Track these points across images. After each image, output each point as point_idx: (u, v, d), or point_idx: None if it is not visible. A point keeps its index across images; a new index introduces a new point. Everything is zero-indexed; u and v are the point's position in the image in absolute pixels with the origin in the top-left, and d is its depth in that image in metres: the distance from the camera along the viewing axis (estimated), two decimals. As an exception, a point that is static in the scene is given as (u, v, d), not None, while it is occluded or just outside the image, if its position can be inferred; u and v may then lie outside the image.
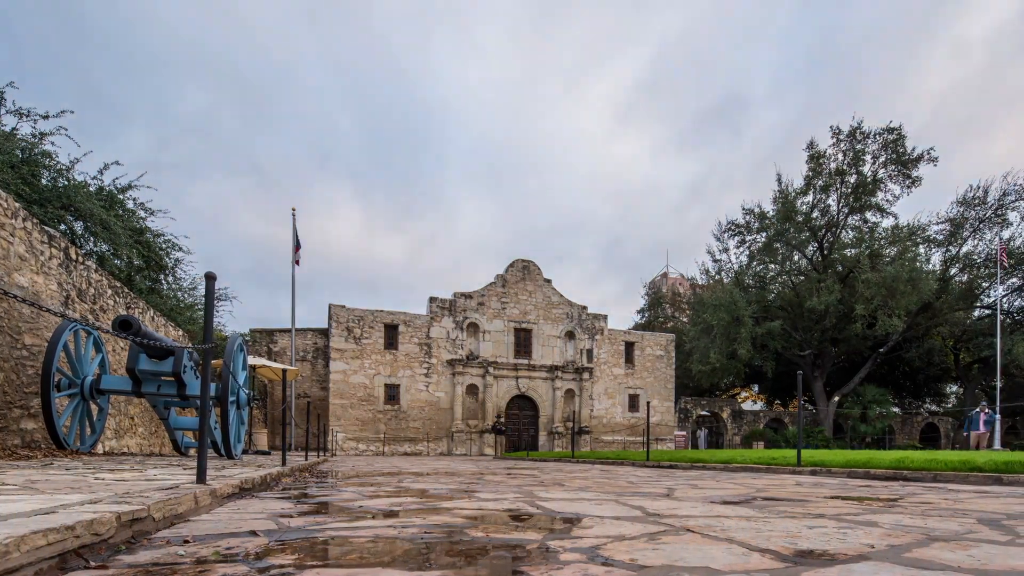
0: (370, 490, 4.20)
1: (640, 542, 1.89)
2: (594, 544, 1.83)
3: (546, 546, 1.80)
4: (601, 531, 2.14)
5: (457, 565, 1.50)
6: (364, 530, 2.10)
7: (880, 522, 2.49)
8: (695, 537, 2.02)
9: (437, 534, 2.04)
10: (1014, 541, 1.99)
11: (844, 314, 26.62)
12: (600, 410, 30.16)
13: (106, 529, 1.52)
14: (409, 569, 1.43)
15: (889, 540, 1.98)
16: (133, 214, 13.13)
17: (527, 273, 29.40)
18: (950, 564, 1.55)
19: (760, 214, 29.32)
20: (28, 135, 11.05)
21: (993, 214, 26.49)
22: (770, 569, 1.48)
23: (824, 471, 6.79)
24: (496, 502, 3.30)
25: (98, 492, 2.23)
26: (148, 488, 2.55)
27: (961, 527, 2.34)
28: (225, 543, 1.75)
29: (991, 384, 27.83)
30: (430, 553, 1.66)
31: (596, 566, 1.48)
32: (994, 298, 26.89)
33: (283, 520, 2.34)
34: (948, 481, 5.62)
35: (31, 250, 6.56)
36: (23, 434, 6.54)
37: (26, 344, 6.65)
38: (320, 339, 27.57)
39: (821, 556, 1.67)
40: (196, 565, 1.42)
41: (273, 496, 3.53)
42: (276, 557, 1.55)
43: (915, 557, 1.66)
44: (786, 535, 2.08)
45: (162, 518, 2.01)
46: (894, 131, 26.41)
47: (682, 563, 1.54)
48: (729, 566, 1.51)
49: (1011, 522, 2.53)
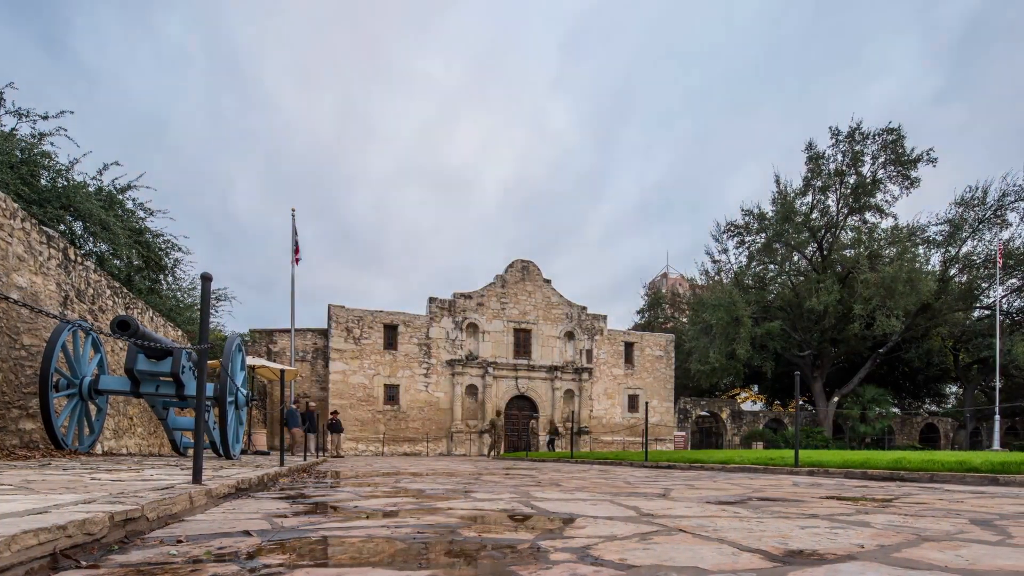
0: (367, 490, 4.21)
1: (631, 542, 1.90)
2: (585, 544, 1.84)
3: (537, 546, 1.81)
4: (593, 531, 2.15)
5: (448, 565, 1.51)
6: (357, 530, 2.11)
7: (872, 522, 2.50)
8: (687, 537, 2.03)
9: (430, 534, 2.05)
10: (1004, 541, 2.00)
11: (843, 314, 26.65)
12: (600, 410, 30.17)
13: (99, 529, 1.52)
14: (399, 569, 1.44)
15: (879, 540, 1.99)
16: (132, 214, 13.14)
17: (527, 273, 29.43)
18: (938, 564, 1.56)
19: (759, 215, 29.35)
20: (27, 135, 11.06)
21: (992, 215, 26.53)
22: (758, 569, 1.49)
23: (821, 471, 6.80)
24: (491, 502, 3.31)
25: (93, 492, 2.24)
26: (143, 488, 2.56)
27: (953, 527, 2.35)
28: (218, 543, 1.76)
29: (990, 384, 27.85)
30: (421, 553, 1.67)
31: (585, 566, 1.49)
32: (993, 299, 26.93)
33: (277, 520, 2.35)
34: (945, 482, 5.63)
35: (29, 250, 6.57)
36: (21, 434, 6.55)
37: (24, 344, 6.66)
38: (320, 339, 27.59)
39: (810, 556, 1.68)
40: (187, 564, 1.42)
41: (270, 496, 3.54)
42: (267, 557, 1.56)
43: (904, 557, 1.67)
44: (778, 535, 2.09)
45: (156, 518, 2.02)
46: (893, 132, 26.44)
47: (671, 563, 1.55)
48: (717, 566, 1.52)
49: (1003, 522, 2.54)
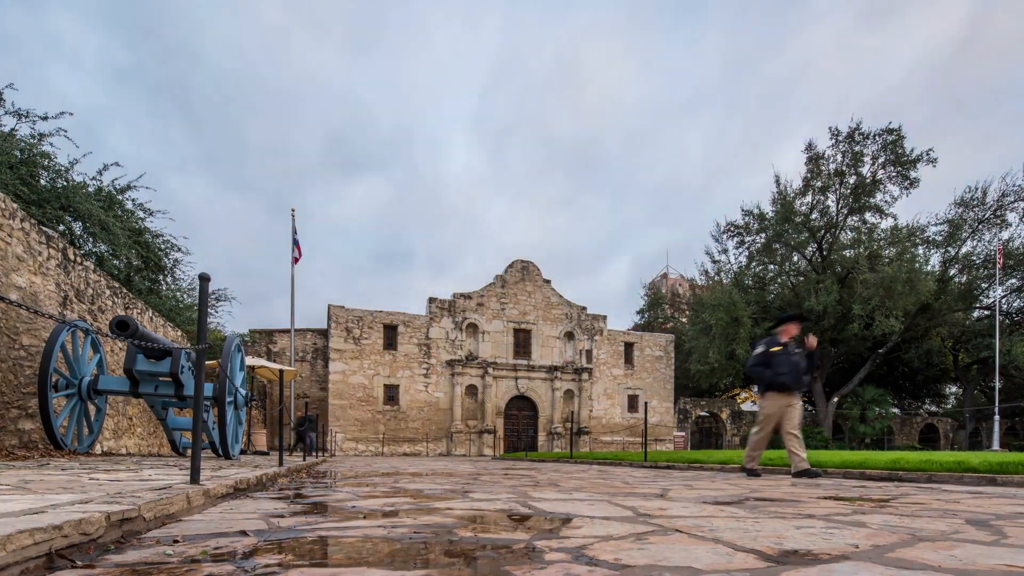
0: (365, 490, 4.21)
1: (627, 542, 1.90)
2: (581, 544, 1.85)
3: (532, 546, 1.81)
4: (589, 531, 2.16)
5: (444, 564, 1.52)
6: (354, 530, 2.12)
7: (868, 522, 2.50)
8: (682, 537, 2.03)
9: (426, 534, 2.05)
10: (999, 541, 2.00)
11: (843, 315, 26.66)
12: (599, 411, 30.19)
13: (95, 529, 1.53)
14: (394, 568, 1.45)
15: (874, 540, 1.99)
16: (132, 215, 13.16)
17: (526, 274, 29.44)
18: (931, 564, 1.57)
19: (759, 215, 29.36)
20: (27, 136, 11.07)
21: (992, 215, 26.55)
22: (752, 568, 1.50)
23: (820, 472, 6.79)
24: (489, 503, 3.31)
25: (90, 492, 2.25)
26: (141, 488, 2.57)
27: (948, 527, 2.36)
28: (214, 542, 1.76)
29: (990, 385, 27.86)
30: (416, 553, 1.68)
31: (580, 566, 1.50)
32: (993, 299, 26.94)
33: (274, 520, 2.36)
34: (943, 482, 5.63)
35: (29, 250, 6.57)
36: (21, 434, 6.56)
37: (24, 344, 6.67)
38: (320, 340, 27.61)
39: (805, 556, 1.69)
40: (183, 564, 1.43)
41: (268, 496, 3.55)
42: (263, 556, 1.57)
43: (897, 557, 1.68)
44: (773, 535, 2.10)
45: (153, 518, 2.02)
46: (893, 132, 26.44)
47: (665, 563, 1.55)
48: (711, 566, 1.52)
49: (999, 523, 2.54)
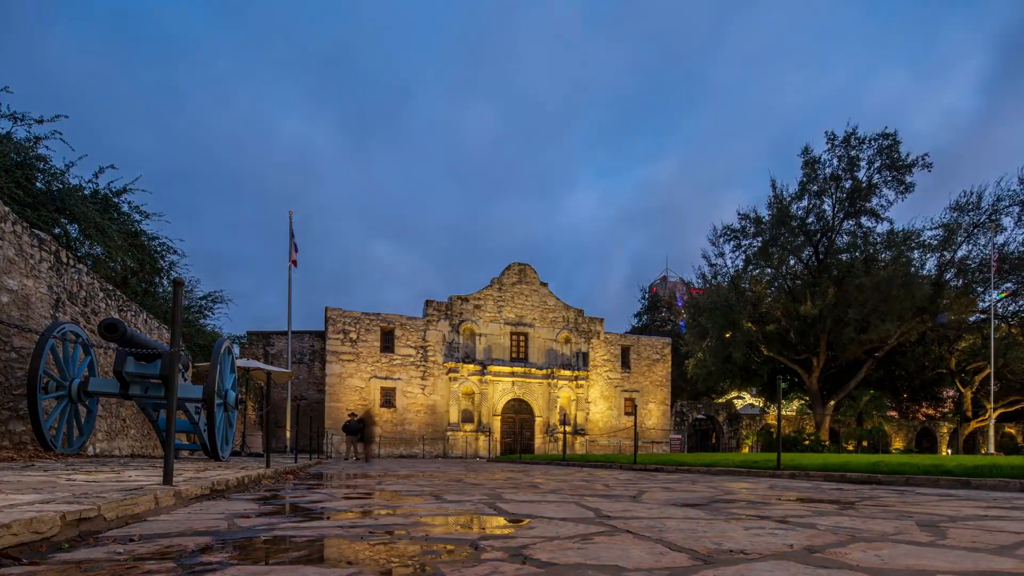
0: (344, 492, 4.28)
1: (570, 542, 1.96)
2: (523, 544, 1.91)
3: (476, 545, 1.88)
4: (540, 532, 2.22)
5: (377, 563, 1.58)
6: (309, 530, 2.18)
7: (819, 524, 2.56)
8: (628, 538, 2.10)
9: (381, 534, 2.12)
10: (935, 543, 2.06)
11: (839, 318, 26.69)
12: (596, 413, 30.22)
13: (47, 528, 1.60)
14: (330, 567, 1.51)
15: (812, 541, 2.06)
16: (128, 217, 13.24)
17: (523, 276, 29.51)
18: (850, 563, 1.63)
19: (756, 219, 29.42)
20: (23, 139, 11.16)
21: (987, 219, 26.60)
22: (676, 567, 1.56)
23: (802, 474, 6.86)
24: (459, 504, 3.37)
25: (56, 492, 2.32)
26: (113, 489, 2.64)
27: (894, 529, 2.42)
28: (168, 542, 1.83)
29: (986, 388, 27.85)
30: (356, 552, 1.75)
31: (510, 564, 1.56)
32: (988, 302, 26.97)
33: (237, 521, 2.42)
34: (919, 484, 5.69)
35: (20, 253, 6.65)
36: (11, 435, 6.63)
37: (15, 346, 6.75)
38: (317, 342, 27.68)
39: (736, 555, 1.75)
40: (127, 562, 1.50)
41: (244, 498, 3.61)
42: (210, 555, 1.63)
43: (823, 557, 1.74)
44: (718, 536, 2.16)
45: (116, 518, 2.09)
46: (889, 137, 26.52)
47: (595, 562, 1.62)
48: (639, 565, 1.59)
49: (948, 524, 2.60)
